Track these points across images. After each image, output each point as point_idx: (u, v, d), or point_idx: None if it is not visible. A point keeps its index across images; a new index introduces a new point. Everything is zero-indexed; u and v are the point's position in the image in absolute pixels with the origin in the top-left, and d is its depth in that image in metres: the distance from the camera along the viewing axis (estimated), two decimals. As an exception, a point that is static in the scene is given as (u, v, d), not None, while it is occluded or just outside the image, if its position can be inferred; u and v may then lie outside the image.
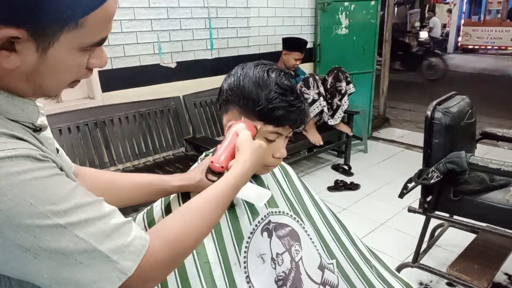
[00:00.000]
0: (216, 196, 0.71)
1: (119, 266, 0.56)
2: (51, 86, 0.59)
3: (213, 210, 0.69)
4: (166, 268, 0.63)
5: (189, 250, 0.68)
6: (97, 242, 0.54)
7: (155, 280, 0.63)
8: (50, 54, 0.54)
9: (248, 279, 0.83)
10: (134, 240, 0.58)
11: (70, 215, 0.53)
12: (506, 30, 12.03)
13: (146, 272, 0.59)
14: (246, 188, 0.88)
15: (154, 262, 0.60)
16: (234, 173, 0.75)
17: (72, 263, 0.53)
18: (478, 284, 1.84)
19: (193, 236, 0.66)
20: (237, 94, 0.87)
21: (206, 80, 3.15)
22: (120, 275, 0.56)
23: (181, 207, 0.69)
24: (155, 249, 0.60)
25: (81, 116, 2.46)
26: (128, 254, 0.57)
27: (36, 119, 0.61)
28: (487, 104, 5.57)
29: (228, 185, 0.72)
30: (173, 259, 0.64)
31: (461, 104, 1.94)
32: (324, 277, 0.94)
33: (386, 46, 4.74)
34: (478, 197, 1.79)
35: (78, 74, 0.60)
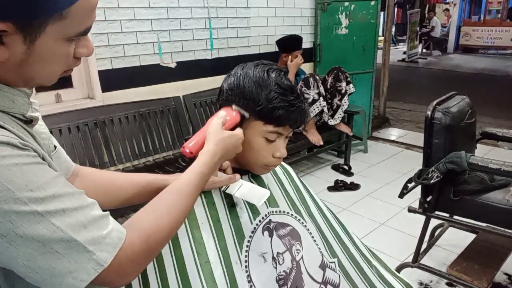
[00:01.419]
0: (184, 185, 0.72)
1: (95, 257, 0.56)
2: (41, 76, 0.60)
3: (183, 199, 0.71)
4: (142, 260, 0.64)
5: (165, 241, 0.69)
6: (74, 232, 0.55)
7: (132, 273, 0.63)
8: (37, 46, 0.55)
9: (249, 278, 0.83)
10: (111, 233, 0.59)
11: (47, 203, 0.53)
12: (506, 30, 12.06)
13: (123, 265, 0.60)
14: (245, 188, 0.88)
15: (131, 254, 0.61)
16: (199, 162, 0.76)
17: (48, 252, 0.53)
18: (478, 284, 1.84)
19: (167, 226, 0.67)
20: (237, 94, 0.87)
21: (206, 80, 3.15)
22: (96, 266, 0.56)
23: (153, 199, 0.70)
24: (131, 241, 0.61)
25: (81, 116, 2.46)
26: (105, 246, 0.57)
27: (27, 111, 0.62)
28: (487, 104, 5.57)
29: (195, 174, 0.74)
30: (150, 251, 0.64)
31: (461, 104, 1.94)
32: (326, 276, 0.95)
33: (386, 46, 4.75)
34: (478, 197, 1.79)
35: (66, 64, 0.62)
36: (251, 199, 0.87)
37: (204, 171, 0.75)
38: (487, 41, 12.57)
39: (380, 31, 4.60)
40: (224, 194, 0.90)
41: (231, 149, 0.81)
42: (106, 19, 2.55)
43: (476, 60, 11.54)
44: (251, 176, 0.97)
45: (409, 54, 11.03)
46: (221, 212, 0.88)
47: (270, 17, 3.56)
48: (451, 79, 8.58)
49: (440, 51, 12.64)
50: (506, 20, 12.80)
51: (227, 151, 0.80)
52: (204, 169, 0.75)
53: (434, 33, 12.33)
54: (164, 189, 0.72)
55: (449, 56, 12.46)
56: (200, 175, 0.75)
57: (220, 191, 0.90)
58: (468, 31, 12.91)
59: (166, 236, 0.68)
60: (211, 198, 0.89)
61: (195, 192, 0.73)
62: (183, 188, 0.72)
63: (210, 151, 0.78)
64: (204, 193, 0.89)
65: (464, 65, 10.52)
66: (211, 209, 0.87)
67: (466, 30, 12.97)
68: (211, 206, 0.88)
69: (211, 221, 0.86)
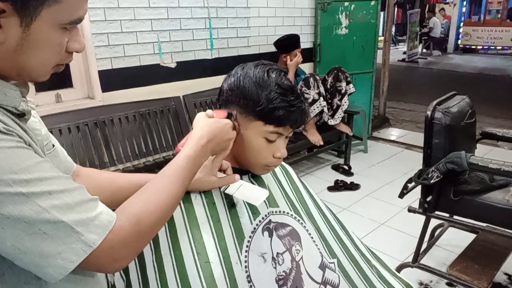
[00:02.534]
0: (172, 169, 0.73)
1: (84, 238, 0.56)
2: (34, 66, 0.60)
3: (171, 182, 0.71)
4: (134, 243, 0.64)
5: (156, 226, 0.68)
6: (60, 213, 0.55)
7: (124, 258, 0.63)
8: (32, 30, 0.56)
9: (249, 278, 0.83)
10: (100, 215, 0.59)
11: (32, 186, 0.54)
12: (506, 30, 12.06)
13: (114, 247, 0.60)
14: (244, 188, 0.88)
15: (122, 237, 0.61)
16: (186, 147, 0.77)
17: (36, 233, 0.53)
18: (478, 284, 1.84)
19: (157, 209, 0.67)
20: (237, 94, 0.87)
21: (206, 80, 3.15)
22: (85, 247, 0.56)
23: (144, 186, 0.71)
24: (121, 224, 0.61)
25: (81, 116, 2.46)
26: (94, 228, 0.57)
27: (19, 104, 0.62)
28: (487, 104, 5.58)
29: (182, 158, 0.74)
30: (140, 235, 0.64)
31: (461, 104, 1.95)
32: (325, 277, 0.95)
33: (386, 46, 4.75)
34: (478, 197, 1.79)
35: (59, 55, 0.62)
36: (250, 199, 0.87)
37: (191, 154, 0.75)
38: (487, 41, 12.57)
39: (380, 31, 4.60)
40: (224, 194, 0.90)
41: (218, 133, 0.80)
42: (106, 19, 2.55)
43: (476, 60, 11.54)
44: (251, 176, 0.97)
45: (409, 54, 11.03)
46: (221, 212, 0.88)
47: (270, 17, 3.56)
48: (451, 79, 8.58)
49: (440, 51, 12.64)
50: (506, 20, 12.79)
51: (214, 134, 0.79)
52: (191, 152, 0.75)
53: (434, 33, 12.33)
54: (155, 175, 0.73)
55: (449, 56, 12.46)
56: (187, 158, 0.74)
57: (220, 191, 0.90)
58: (468, 31, 12.91)
59: (157, 220, 0.68)
60: (211, 198, 0.89)
61: (184, 175, 0.73)
62: (171, 172, 0.72)
63: (195, 134, 0.78)
64: (205, 193, 0.89)
65: (464, 65, 10.52)
66: (211, 209, 0.87)
67: (466, 30, 12.96)
68: (211, 206, 0.88)
69: (211, 221, 0.86)
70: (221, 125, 0.81)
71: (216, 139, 0.80)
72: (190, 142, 0.77)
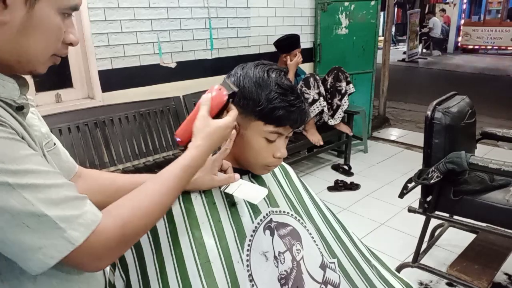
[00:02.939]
0: (168, 177, 0.71)
1: (66, 235, 0.56)
2: (35, 49, 0.60)
3: (164, 192, 0.70)
4: (117, 247, 0.63)
5: (141, 232, 0.68)
6: (45, 207, 0.55)
7: (105, 259, 0.63)
8: (36, 11, 0.58)
9: (251, 278, 0.83)
10: (85, 214, 0.59)
11: (19, 177, 0.54)
12: (506, 30, 12.05)
13: (96, 248, 0.60)
14: (243, 186, 0.88)
15: (104, 239, 0.60)
16: (186, 156, 0.74)
17: (19, 225, 0.53)
18: (478, 284, 1.84)
19: (144, 215, 0.66)
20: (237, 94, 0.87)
21: (206, 80, 3.15)
22: (67, 244, 0.57)
23: (136, 189, 0.70)
24: (106, 226, 0.61)
25: (81, 116, 2.46)
26: (77, 225, 0.57)
27: (17, 97, 0.62)
28: (487, 104, 5.58)
29: (180, 167, 0.72)
30: (124, 238, 0.64)
31: (461, 104, 1.94)
32: (326, 276, 0.94)
33: (386, 46, 4.75)
34: (478, 197, 1.79)
35: (58, 41, 0.63)
36: (249, 197, 0.87)
37: (191, 164, 0.74)
38: (487, 41, 12.56)
39: (380, 31, 4.60)
40: (224, 194, 0.90)
41: (218, 139, 0.78)
42: (106, 19, 2.55)
43: (476, 60, 11.53)
44: (251, 176, 0.97)
45: (409, 54, 11.03)
46: (222, 212, 0.88)
47: (270, 17, 3.56)
48: (451, 79, 8.58)
49: (440, 51, 12.64)
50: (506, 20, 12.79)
51: (215, 142, 0.78)
52: (190, 162, 0.74)
53: (434, 33, 12.33)
54: (148, 180, 0.71)
55: (449, 56, 12.46)
56: (186, 168, 0.73)
57: (220, 190, 0.90)
58: (468, 31, 12.91)
59: (143, 227, 0.67)
60: (212, 198, 0.89)
61: (178, 184, 0.72)
62: (166, 179, 0.71)
63: (199, 146, 0.75)
64: (205, 193, 0.89)
65: (464, 65, 10.52)
66: (211, 209, 0.87)
67: (466, 30, 12.96)
68: (211, 206, 0.88)
69: (211, 221, 0.86)
70: (222, 130, 0.78)
71: (215, 145, 0.79)
72: (191, 152, 0.74)
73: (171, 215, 0.86)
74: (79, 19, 2.45)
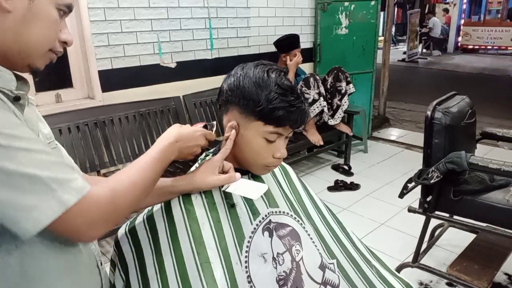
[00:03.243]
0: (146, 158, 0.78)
1: (59, 195, 0.58)
2: (35, 39, 0.64)
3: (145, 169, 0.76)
4: (109, 211, 0.66)
5: (130, 201, 0.71)
6: (37, 169, 0.57)
7: (99, 225, 0.65)
8: (36, 3, 0.63)
9: (249, 279, 0.83)
10: (76, 180, 0.62)
11: (12, 140, 0.56)
12: (506, 30, 12.05)
13: (89, 211, 0.62)
14: (243, 184, 0.88)
15: (97, 201, 0.63)
16: (159, 141, 0.82)
17: (13, 185, 0.55)
18: (478, 284, 1.84)
19: (130, 187, 0.71)
20: (237, 95, 0.87)
21: (206, 80, 3.15)
22: (60, 204, 0.58)
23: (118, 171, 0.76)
24: (96, 191, 0.64)
25: (81, 116, 2.46)
26: (68, 188, 0.60)
27: (14, 87, 0.65)
28: (487, 104, 5.58)
29: (154, 150, 0.80)
30: (115, 205, 0.67)
31: (461, 104, 1.94)
32: (325, 277, 0.94)
33: (386, 46, 4.75)
34: (478, 197, 1.79)
35: (56, 35, 0.68)
36: (248, 194, 0.86)
37: (162, 148, 0.80)
38: (487, 41, 12.57)
39: (380, 31, 4.60)
40: (224, 195, 0.90)
41: (186, 135, 0.84)
42: (106, 19, 2.55)
43: (476, 60, 11.54)
44: (251, 176, 0.97)
45: (409, 54, 11.03)
46: (222, 213, 0.88)
47: (270, 17, 3.56)
48: (451, 79, 8.58)
49: (440, 51, 12.64)
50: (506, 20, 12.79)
51: (181, 136, 0.83)
52: (161, 146, 0.80)
53: (434, 33, 12.34)
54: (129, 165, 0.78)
55: (449, 56, 12.46)
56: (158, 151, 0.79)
57: (220, 191, 0.90)
58: (468, 31, 12.91)
59: (131, 196, 0.70)
60: (212, 199, 0.89)
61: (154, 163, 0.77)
62: (143, 159, 0.77)
63: (165, 133, 0.83)
64: (205, 193, 0.89)
65: (464, 65, 10.52)
66: (211, 210, 0.88)
67: (466, 30, 12.96)
68: (211, 207, 0.88)
69: (211, 222, 0.86)
70: (190, 130, 0.86)
71: (183, 142, 0.83)
72: (161, 138, 0.82)
73: (171, 215, 0.87)
74: (79, 19, 2.45)
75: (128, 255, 0.87)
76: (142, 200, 0.76)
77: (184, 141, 0.83)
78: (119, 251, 0.90)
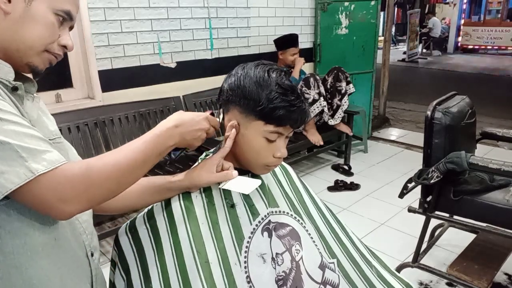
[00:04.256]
0: (137, 140, 0.75)
1: (27, 164, 0.59)
2: (31, 38, 0.69)
3: (131, 149, 0.73)
4: (82, 188, 0.64)
5: (109, 179, 0.68)
6: (7, 137, 0.58)
7: (71, 201, 0.63)
8: (33, 6, 0.68)
9: (248, 279, 0.83)
10: (50, 153, 0.62)
11: None
12: (506, 30, 12.05)
13: (60, 184, 0.62)
14: (238, 180, 0.88)
15: (69, 177, 0.63)
16: (157, 125, 0.80)
17: None
18: (478, 284, 1.84)
19: (110, 164, 0.69)
20: (237, 94, 0.87)
21: (206, 80, 3.15)
22: (27, 172, 0.59)
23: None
24: (71, 166, 0.64)
25: (81, 116, 2.46)
26: (40, 159, 0.60)
27: (12, 78, 0.69)
28: (487, 104, 5.57)
29: (147, 134, 0.77)
30: (90, 182, 0.65)
31: (461, 104, 1.95)
32: (325, 277, 0.94)
33: (386, 46, 4.75)
34: (478, 197, 1.79)
35: (52, 36, 0.72)
36: (240, 189, 0.86)
37: (156, 132, 0.78)
38: (487, 41, 12.57)
39: (380, 31, 4.60)
40: (224, 195, 0.90)
41: (187, 120, 0.81)
42: (106, 19, 2.55)
43: (476, 60, 11.54)
44: (251, 176, 0.97)
45: (409, 54, 11.03)
46: (220, 213, 0.88)
47: (270, 17, 3.56)
48: (451, 79, 8.58)
49: (440, 51, 12.64)
50: (506, 20, 12.79)
51: (183, 120, 0.81)
52: (156, 131, 0.78)
53: (434, 33, 12.34)
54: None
55: (449, 56, 12.46)
56: (152, 134, 0.77)
57: (221, 191, 0.90)
58: (468, 31, 12.91)
59: (110, 174, 0.68)
60: (211, 199, 0.89)
61: (145, 146, 0.74)
62: (134, 142, 0.75)
63: (167, 118, 0.82)
64: (205, 193, 0.89)
65: (464, 65, 10.52)
66: (210, 210, 0.88)
67: (466, 30, 12.96)
68: (210, 207, 0.88)
69: (210, 222, 0.86)
70: (192, 114, 0.83)
71: (185, 126, 0.81)
72: (161, 123, 0.80)
73: (171, 214, 0.87)
74: (79, 19, 2.45)
75: (129, 255, 0.87)
76: (128, 183, 0.73)
77: (186, 126, 0.81)
78: (119, 251, 0.90)
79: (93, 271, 0.82)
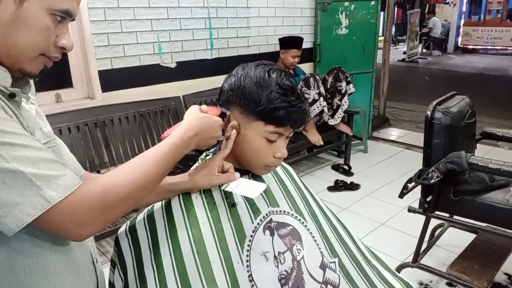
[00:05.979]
0: (153, 152, 0.73)
1: (43, 193, 0.56)
2: (22, 43, 0.62)
3: (149, 164, 0.70)
4: (98, 211, 0.62)
5: (125, 200, 0.66)
6: (20, 164, 0.55)
7: (87, 224, 0.62)
8: (24, 7, 0.61)
9: (250, 278, 0.83)
10: (64, 176, 0.60)
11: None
12: (506, 30, 12.06)
13: (75, 209, 0.59)
14: (242, 183, 0.88)
15: (85, 201, 0.60)
16: (174, 134, 0.77)
17: None
18: (478, 284, 1.84)
19: (128, 184, 0.66)
20: (238, 95, 0.87)
21: (206, 80, 3.15)
22: (43, 202, 0.56)
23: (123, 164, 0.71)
24: (86, 189, 0.61)
25: (81, 116, 2.46)
26: (55, 185, 0.58)
27: (9, 84, 0.63)
28: (487, 104, 5.58)
29: (165, 143, 0.74)
30: (106, 204, 0.63)
31: (461, 104, 1.95)
32: (326, 276, 0.94)
33: (386, 46, 4.75)
34: (478, 197, 1.79)
35: (47, 41, 0.65)
36: (247, 193, 0.86)
37: (176, 142, 0.75)
38: (487, 41, 12.57)
39: (380, 31, 4.60)
40: (225, 195, 0.90)
41: (207, 128, 0.80)
42: (106, 19, 2.55)
43: (476, 60, 11.54)
44: (252, 176, 0.97)
45: (409, 54, 11.02)
46: (222, 212, 0.88)
47: (270, 17, 3.56)
48: (451, 79, 8.58)
49: (440, 51, 12.64)
50: (506, 20, 12.79)
51: (203, 129, 0.79)
52: (176, 140, 0.75)
53: (434, 33, 12.34)
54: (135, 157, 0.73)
55: (449, 56, 12.46)
56: (171, 145, 0.74)
57: (221, 191, 0.90)
58: (468, 31, 12.91)
59: (127, 194, 0.66)
60: (212, 199, 0.89)
61: (164, 160, 0.72)
62: (151, 154, 0.72)
63: (184, 125, 0.78)
64: (205, 193, 0.89)
65: (464, 65, 10.52)
66: (211, 209, 0.88)
67: (466, 30, 12.97)
68: (211, 207, 0.88)
69: (211, 221, 0.86)
70: (211, 121, 0.82)
71: (203, 134, 0.80)
72: (178, 130, 0.77)
73: (171, 215, 0.87)
74: (79, 19, 2.45)
75: (127, 255, 0.87)
76: (143, 198, 0.71)
77: (205, 134, 0.80)
78: (118, 251, 0.90)
79: (98, 277, 0.82)
